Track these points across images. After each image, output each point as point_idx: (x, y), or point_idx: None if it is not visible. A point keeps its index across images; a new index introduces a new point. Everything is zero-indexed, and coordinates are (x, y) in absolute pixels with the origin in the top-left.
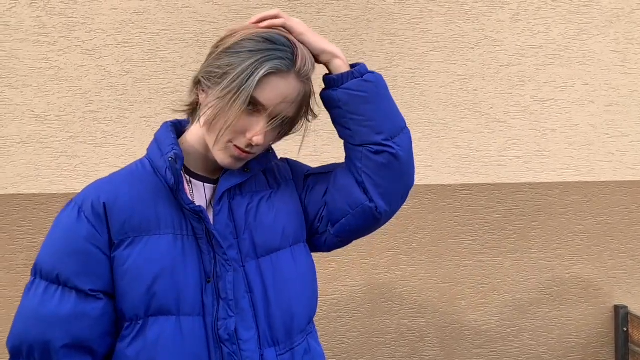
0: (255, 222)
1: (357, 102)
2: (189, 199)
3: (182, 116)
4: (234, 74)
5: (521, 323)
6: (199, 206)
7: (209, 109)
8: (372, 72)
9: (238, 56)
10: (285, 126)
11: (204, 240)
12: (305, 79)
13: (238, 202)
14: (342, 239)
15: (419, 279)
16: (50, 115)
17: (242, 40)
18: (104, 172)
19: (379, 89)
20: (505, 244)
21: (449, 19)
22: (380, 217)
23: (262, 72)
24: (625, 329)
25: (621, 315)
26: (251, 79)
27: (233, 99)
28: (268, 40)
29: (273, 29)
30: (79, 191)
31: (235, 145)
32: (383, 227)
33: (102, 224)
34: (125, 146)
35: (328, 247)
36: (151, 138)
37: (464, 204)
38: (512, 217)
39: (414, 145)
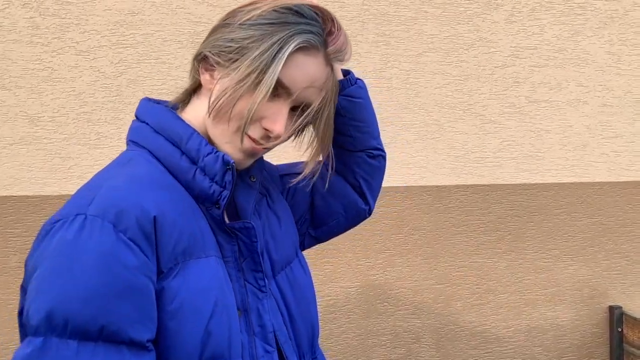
0: (270, 238)
1: (358, 108)
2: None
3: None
4: (259, 50)
5: (516, 324)
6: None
7: (223, 92)
8: (359, 78)
9: (260, 28)
10: (305, 118)
11: (232, 263)
12: (337, 63)
13: (255, 219)
14: (320, 240)
15: (414, 280)
16: (43, 116)
17: (263, 12)
18: None
19: (367, 93)
20: (501, 245)
21: (443, 20)
22: (367, 217)
23: (291, 46)
24: (620, 330)
25: (616, 316)
26: (279, 55)
27: (256, 81)
28: (297, 12)
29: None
30: (73, 193)
31: (248, 136)
32: (378, 228)
33: (151, 247)
34: (120, 147)
35: (302, 249)
36: None
37: (459, 205)
38: (507, 218)
39: (409, 146)
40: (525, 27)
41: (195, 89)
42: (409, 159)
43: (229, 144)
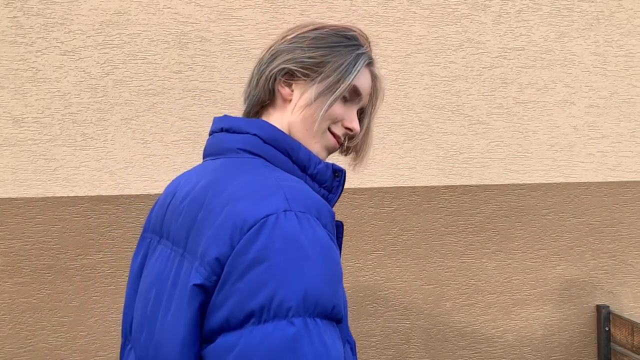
0: None
1: None
2: None
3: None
4: (338, 64)
5: (505, 324)
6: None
7: (315, 97)
8: None
9: (331, 47)
10: (366, 118)
11: None
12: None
13: None
14: None
15: (403, 280)
16: (27, 117)
17: (328, 34)
18: (84, 175)
19: None
20: (489, 245)
21: (431, 21)
22: None
23: (363, 62)
24: (607, 329)
25: (603, 315)
26: (355, 67)
27: (341, 87)
28: (352, 37)
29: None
30: (58, 195)
31: (333, 134)
32: (367, 229)
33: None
34: (106, 149)
35: None
36: (132, 140)
37: (447, 206)
38: (495, 219)
39: (398, 147)
40: (513, 28)
41: (265, 102)
42: (398, 160)
43: (318, 143)
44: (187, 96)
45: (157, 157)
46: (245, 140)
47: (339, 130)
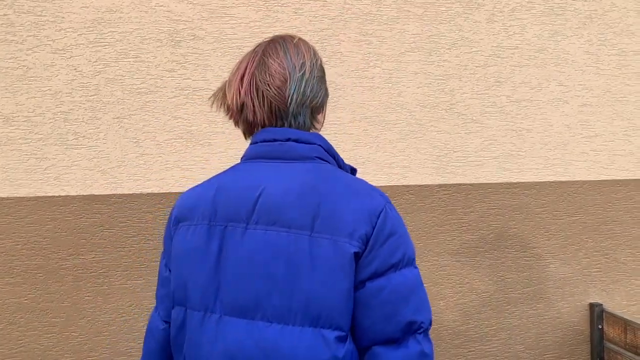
0: None
1: None
2: None
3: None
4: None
5: (499, 322)
6: None
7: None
8: None
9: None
10: None
11: None
12: None
13: None
14: None
15: None
16: (18, 116)
17: (321, 64)
18: (76, 174)
19: None
20: (483, 244)
21: (425, 19)
22: None
23: None
24: (600, 327)
25: (596, 313)
26: None
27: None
28: None
29: None
30: (49, 195)
31: None
32: None
33: None
34: (98, 148)
35: None
36: (124, 139)
37: (441, 204)
38: (489, 217)
39: (392, 145)
40: (506, 27)
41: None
42: (392, 159)
43: None
44: (180, 95)
45: (149, 156)
46: (316, 150)
47: None
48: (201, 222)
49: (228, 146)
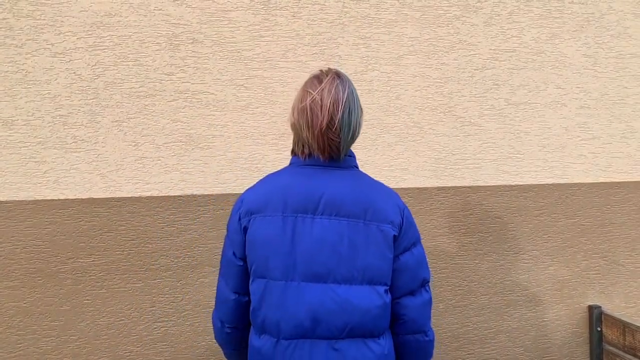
0: None
1: None
2: None
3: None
4: None
5: (498, 325)
6: None
7: None
8: None
9: None
10: None
11: None
12: None
13: None
14: None
15: None
16: (17, 120)
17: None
18: (75, 178)
19: None
20: (482, 246)
21: (423, 22)
22: None
23: None
24: (599, 329)
25: (595, 315)
26: None
27: None
28: None
29: None
30: (48, 198)
31: None
32: None
33: None
34: (97, 151)
35: None
36: (123, 143)
37: (440, 207)
38: (487, 220)
39: (390, 148)
40: (504, 30)
41: None
42: (390, 161)
43: None
44: (179, 98)
45: (148, 159)
46: (353, 160)
47: None
48: (274, 214)
49: (227, 149)
